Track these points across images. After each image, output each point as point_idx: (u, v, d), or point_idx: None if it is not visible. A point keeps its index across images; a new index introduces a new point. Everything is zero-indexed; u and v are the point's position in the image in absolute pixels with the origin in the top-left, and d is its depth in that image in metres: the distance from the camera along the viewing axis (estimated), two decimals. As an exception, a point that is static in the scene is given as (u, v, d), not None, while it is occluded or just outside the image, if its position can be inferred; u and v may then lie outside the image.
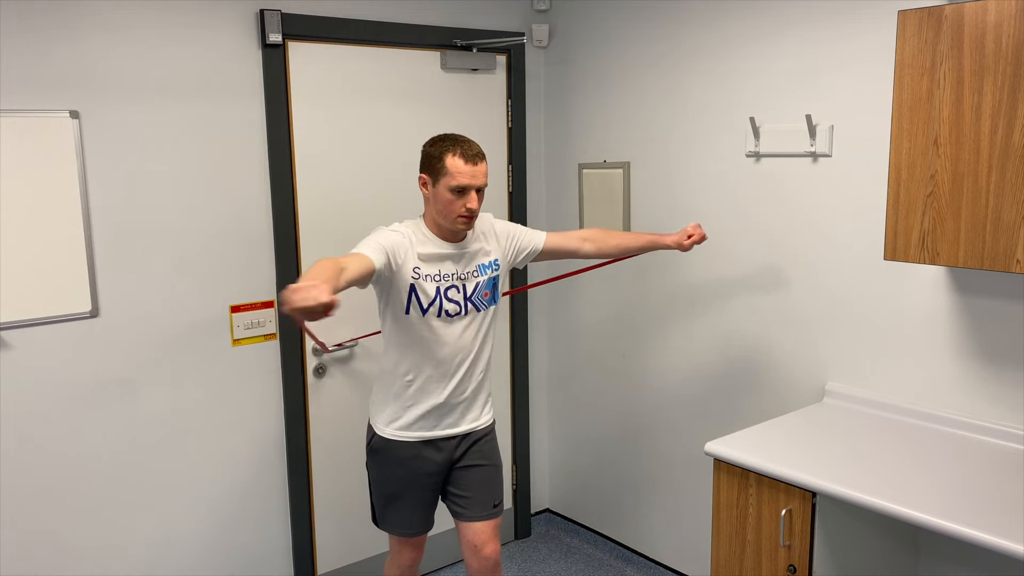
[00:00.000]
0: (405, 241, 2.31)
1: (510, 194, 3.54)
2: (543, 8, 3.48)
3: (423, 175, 2.35)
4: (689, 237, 2.65)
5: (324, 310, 1.72)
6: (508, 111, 3.49)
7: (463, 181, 2.28)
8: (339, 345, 3.09)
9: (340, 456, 3.17)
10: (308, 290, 1.70)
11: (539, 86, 3.59)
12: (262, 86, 2.83)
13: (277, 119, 2.86)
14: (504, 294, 2.62)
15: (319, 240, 3.02)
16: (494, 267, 2.46)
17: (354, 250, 2.23)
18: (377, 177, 3.14)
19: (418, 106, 3.21)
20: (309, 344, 3.04)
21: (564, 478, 3.83)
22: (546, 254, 2.60)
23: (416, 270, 2.32)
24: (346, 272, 2.03)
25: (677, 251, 2.90)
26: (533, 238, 2.57)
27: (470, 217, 2.32)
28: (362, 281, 2.18)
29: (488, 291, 2.44)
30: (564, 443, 3.79)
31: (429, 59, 3.23)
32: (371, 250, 2.22)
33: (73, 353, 2.56)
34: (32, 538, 2.55)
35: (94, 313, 2.58)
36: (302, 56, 2.92)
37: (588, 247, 2.63)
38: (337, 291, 1.91)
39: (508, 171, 3.52)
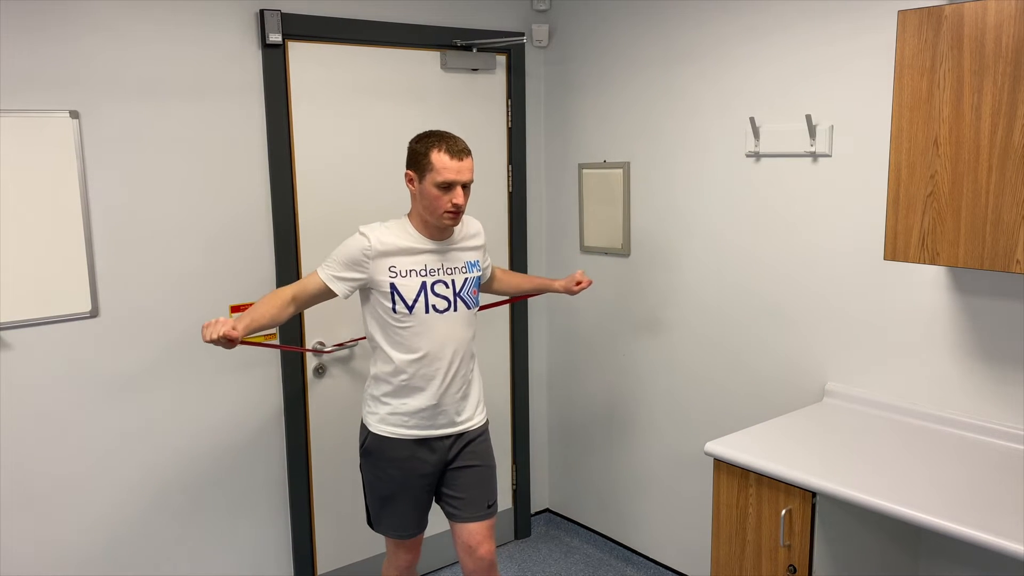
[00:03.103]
0: (370, 246, 2.34)
1: (510, 194, 3.54)
2: (543, 8, 3.48)
3: (409, 171, 2.37)
4: (577, 284, 2.78)
5: (227, 343, 2.13)
6: (508, 111, 3.49)
7: (449, 177, 2.30)
8: (339, 345, 3.09)
9: (340, 456, 3.17)
10: (214, 326, 2.12)
11: (539, 86, 3.59)
12: (262, 86, 2.83)
13: (277, 119, 2.86)
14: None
15: (319, 240, 3.02)
16: (478, 267, 2.50)
17: (320, 267, 2.39)
18: (377, 177, 3.14)
19: (418, 106, 3.21)
20: (309, 344, 3.04)
21: (564, 478, 3.83)
22: (484, 284, 2.70)
23: (392, 269, 2.34)
24: (296, 301, 2.34)
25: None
26: (488, 262, 2.68)
27: (456, 213, 2.34)
28: (322, 300, 2.39)
29: (476, 289, 2.48)
30: (564, 443, 3.79)
31: (429, 59, 3.23)
32: (328, 273, 2.36)
33: (73, 353, 2.56)
34: (32, 538, 2.55)
35: (94, 313, 2.58)
36: (302, 56, 2.92)
37: (496, 284, 2.79)
38: (277, 323, 2.30)
39: (508, 171, 3.52)
